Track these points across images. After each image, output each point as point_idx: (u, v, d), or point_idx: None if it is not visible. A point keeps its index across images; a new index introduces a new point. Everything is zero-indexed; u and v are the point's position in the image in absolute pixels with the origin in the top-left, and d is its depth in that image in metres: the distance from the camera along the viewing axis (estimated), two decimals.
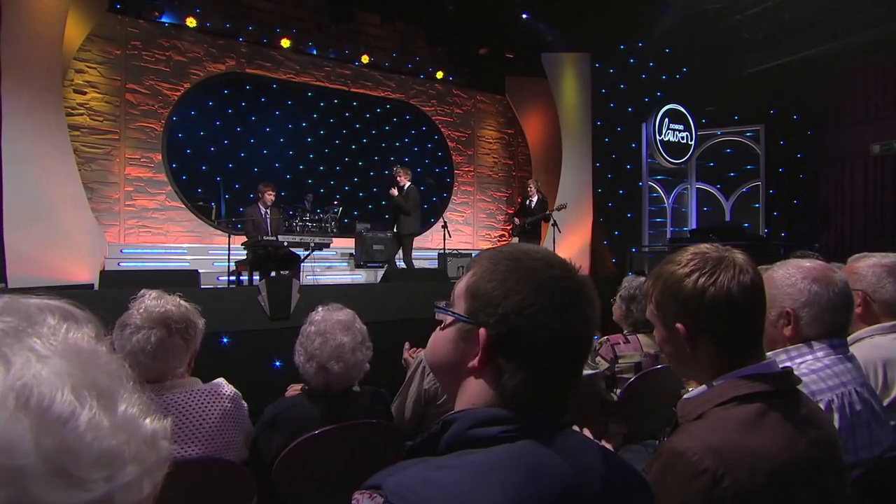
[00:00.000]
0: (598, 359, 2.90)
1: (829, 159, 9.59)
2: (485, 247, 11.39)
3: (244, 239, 6.59)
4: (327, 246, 6.77)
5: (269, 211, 6.74)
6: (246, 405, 1.77)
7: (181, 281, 4.75)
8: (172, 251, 8.03)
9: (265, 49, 9.45)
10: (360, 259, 8.71)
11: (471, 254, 9.02)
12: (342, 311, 2.07)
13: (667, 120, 9.83)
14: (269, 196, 6.67)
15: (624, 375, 2.85)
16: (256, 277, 6.67)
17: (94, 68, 8.04)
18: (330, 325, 1.97)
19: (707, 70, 9.58)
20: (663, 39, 9.44)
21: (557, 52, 10.07)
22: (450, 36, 10.27)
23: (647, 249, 9.37)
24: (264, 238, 6.27)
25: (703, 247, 1.16)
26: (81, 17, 7.35)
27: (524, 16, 9.51)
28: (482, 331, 0.76)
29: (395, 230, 7.58)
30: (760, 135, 10.19)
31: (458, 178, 11.40)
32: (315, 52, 9.91)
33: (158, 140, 8.55)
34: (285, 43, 9.43)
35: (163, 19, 8.59)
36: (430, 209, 11.33)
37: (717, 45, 9.29)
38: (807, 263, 1.51)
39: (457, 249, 9.19)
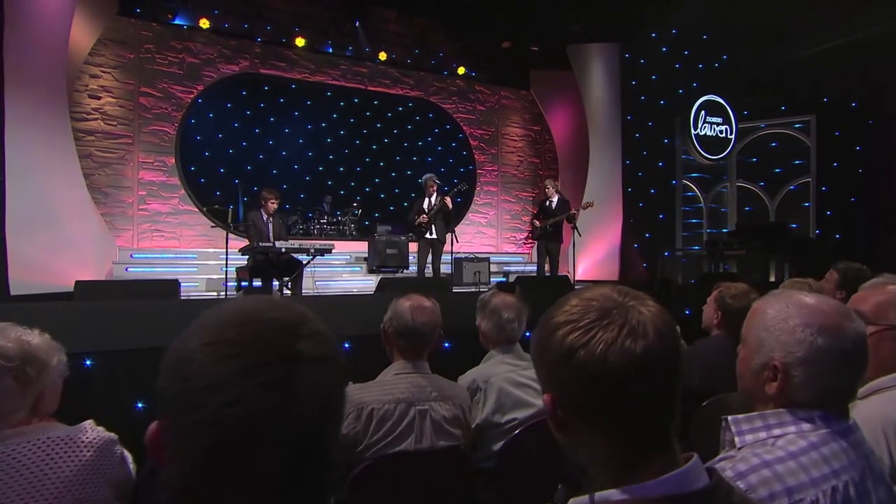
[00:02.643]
0: None
1: (892, 151, 8.81)
2: (509, 249, 11.10)
3: (242, 245, 6.53)
4: (329, 251, 6.63)
5: (271, 217, 6.66)
6: (125, 452, 1.58)
7: (160, 292, 4.63)
8: (182, 256, 8.08)
9: (279, 49, 9.44)
10: (373, 264, 8.57)
11: (488, 258, 8.75)
12: None
13: (703, 113, 9.31)
14: (273, 204, 6.59)
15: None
16: (258, 284, 6.66)
17: (108, 73, 8.18)
18: None
19: (750, 57, 8.99)
20: (699, 25, 8.93)
21: (583, 43, 9.68)
22: (470, 30, 10.02)
23: (680, 253, 8.89)
24: (261, 244, 6.18)
25: (604, 290, 0.85)
26: (89, 21, 7.47)
27: None
28: None
29: (426, 236, 7.36)
30: (811, 126, 9.52)
31: (481, 178, 11.13)
32: (331, 51, 9.84)
33: (172, 143, 8.64)
34: (300, 42, 9.39)
35: (176, 21, 8.68)
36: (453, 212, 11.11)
37: (761, 29, 8.70)
38: (812, 301, 1.14)
39: (472, 253, 8.94)
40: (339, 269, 8.70)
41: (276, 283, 6.44)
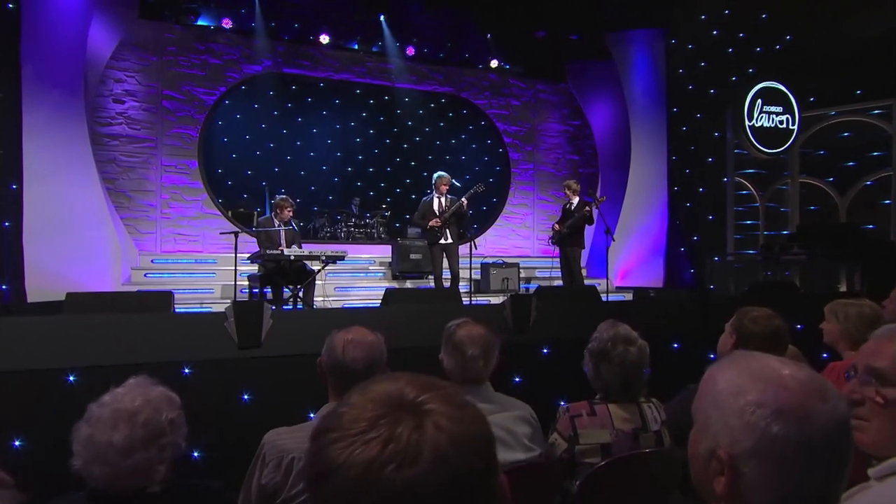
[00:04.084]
0: (555, 436, 2.20)
1: None
2: (547, 253, 10.59)
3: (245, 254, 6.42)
4: (341, 259, 6.40)
5: (283, 224, 6.51)
6: None
7: (152, 305, 4.51)
8: (202, 261, 8.07)
9: (303, 47, 9.32)
10: (396, 269, 8.31)
11: (517, 263, 8.31)
12: (150, 390, 1.61)
13: (759, 102, 8.53)
14: (288, 212, 6.43)
15: (587, 460, 2.13)
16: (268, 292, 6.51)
17: (132, 77, 8.27)
18: (106, 415, 1.53)
19: (817, 36, 8.13)
20: (756, 4, 8.16)
21: (624, 30, 9.08)
22: (502, 20, 9.59)
23: (731, 258, 8.16)
24: (269, 251, 6.02)
25: (400, 381, 0.65)
26: (109, 25, 7.53)
27: None
28: None
29: (441, 241, 6.89)
30: (893, 111, 8.54)
31: (515, 178, 10.68)
32: (356, 47, 9.64)
33: (194, 146, 8.67)
34: (324, 39, 9.24)
35: (198, 22, 8.69)
36: (486, 212, 10.74)
37: (831, 4, 7.84)
38: (777, 370, 0.86)
39: (501, 258, 8.52)
40: (362, 275, 8.47)
41: (287, 290, 6.29)
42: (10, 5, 6.14)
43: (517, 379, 3.98)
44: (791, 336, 2.45)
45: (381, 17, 9.30)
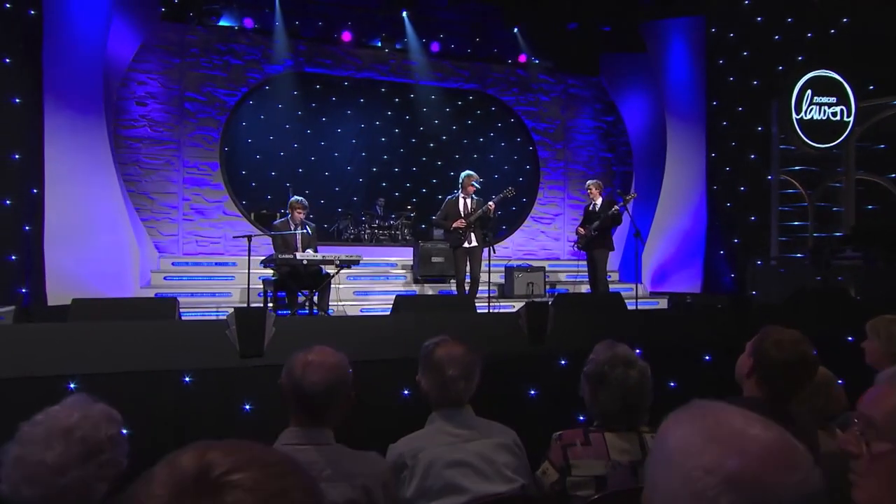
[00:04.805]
0: (546, 464, 1.97)
1: None
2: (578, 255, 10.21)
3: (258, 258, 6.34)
4: (356, 263, 6.24)
5: (299, 227, 6.41)
6: None
7: (156, 311, 4.46)
8: (222, 263, 8.07)
9: (325, 46, 9.24)
10: (418, 273, 8.12)
11: (543, 266, 7.99)
12: (89, 407, 1.56)
13: (809, 92, 7.92)
14: (299, 214, 6.33)
15: (579, 493, 1.90)
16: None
17: (154, 79, 8.35)
18: (40, 433, 1.47)
19: (878, 18, 7.48)
20: None
21: (661, 19, 8.63)
22: (531, 12, 9.27)
23: (775, 262, 7.62)
24: (281, 256, 5.93)
25: (217, 449, 0.58)
26: (132, 27, 7.59)
27: None
28: None
29: (465, 245, 6.60)
30: None
31: (545, 177, 10.34)
32: (379, 44, 9.49)
33: (216, 148, 8.69)
34: (346, 37, 9.12)
35: (221, 23, 8.71)
36: (514, 213, 10.45)
37: None
38: (738, 426, 0.74)
39: (526, 262, 8.21)
40: (382, 279, 8.31)
41: (303, 294, 6.19)
42: (32, 11, 6.24)
43: (532, 392, 3.79)
44: (841, 350, 2.16)
45: (404, 13, 9.12)
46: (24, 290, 5.91)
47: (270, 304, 6.36)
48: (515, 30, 9.59)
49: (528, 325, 3.95)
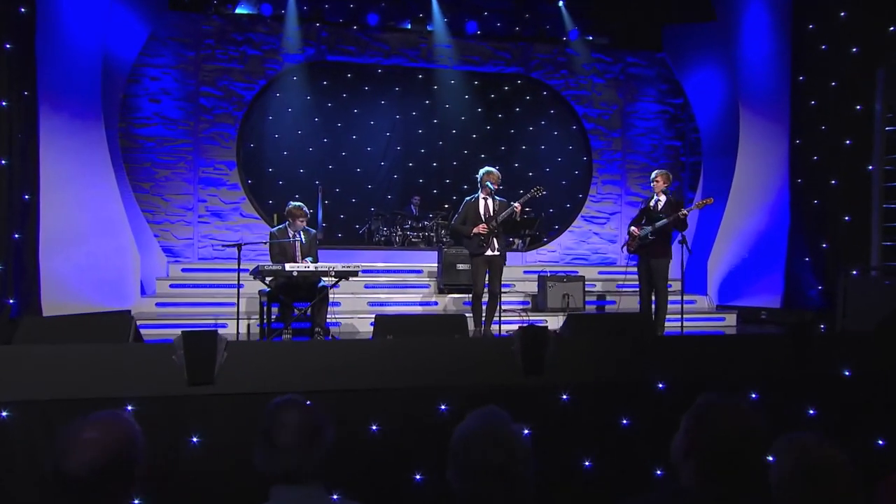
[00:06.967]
0: None
1: None
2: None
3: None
4: (354, 274, 5.68)
5: (298, 234, 5.95)
6: None
7: (107, 330, 4.17)
8: (232, 270, 7.73)
9: (348, 30, 8.72)
10: (441, 282, 7.45)
11: (582, 277, 7.08)
12: None
13: None
14: (301, 222, 5.89)
15: None
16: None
17: (168, 73, 8.16)
18: None
19: None
20: None
21: None
22: None
23: (876, 273, 6.33)
24: (266, 267, 5.49)
25: None
26: (138, 17, 7.37)
27: None
28: None
29: (487, 252, 5.83)
30: None
31: (598, 170, 9.35)
32: (409, 27, 8.86)
33: (233, 146, 8.41)
34: (371, 21, 8.57)
35: (238, 10, 8.40)
36: (562, 212, 9.55)
37: None
38: None
39: (564, 270, 7.33)
40: (403, 288, 7.71)
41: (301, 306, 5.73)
42: (24, 10, 6.08)
43: (526, 432, 3.13)
44: None
45: None
46: (11, 301, 5.78)
47: (264, 321, 5.97)
48: (561, 3, 8.65)
49: (521, 353, 3.30)
